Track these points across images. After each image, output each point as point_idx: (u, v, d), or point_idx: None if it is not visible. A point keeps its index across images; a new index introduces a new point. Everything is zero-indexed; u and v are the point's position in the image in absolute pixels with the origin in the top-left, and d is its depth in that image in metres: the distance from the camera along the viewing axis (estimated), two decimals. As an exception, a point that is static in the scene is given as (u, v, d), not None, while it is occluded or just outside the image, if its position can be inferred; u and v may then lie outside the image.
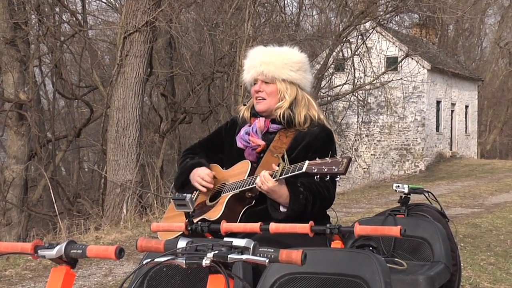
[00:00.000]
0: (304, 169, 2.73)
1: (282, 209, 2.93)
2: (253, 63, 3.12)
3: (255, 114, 3.17)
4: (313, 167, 2.70)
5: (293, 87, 3.10)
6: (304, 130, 3.09)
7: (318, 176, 2.70)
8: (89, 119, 16.97)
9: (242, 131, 3.16)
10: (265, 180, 2.84)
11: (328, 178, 2.72)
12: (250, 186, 2.95)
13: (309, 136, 3.07)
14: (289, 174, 2.80)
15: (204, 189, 3.13)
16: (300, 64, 3.14)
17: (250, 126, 3.17)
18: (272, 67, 3.07)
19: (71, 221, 11.35)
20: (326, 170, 2.67)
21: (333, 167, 2.66)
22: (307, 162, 2.74)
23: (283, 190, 2.88)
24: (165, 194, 12.54)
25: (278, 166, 2.83)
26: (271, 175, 2.84)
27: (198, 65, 18.14)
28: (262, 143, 3.10)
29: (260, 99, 3.11)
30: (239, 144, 3.16)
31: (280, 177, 2.81)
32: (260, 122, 3.14)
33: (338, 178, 2.79)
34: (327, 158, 2.70)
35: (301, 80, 3.13)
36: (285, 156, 2.83)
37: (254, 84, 3.13)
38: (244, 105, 3.27)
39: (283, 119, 3.08)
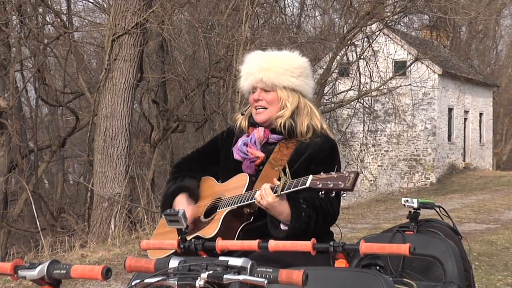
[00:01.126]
0: (307, 184, 2.72)
1: (283, 226, 2.92)
2: (251, 69, 3.11)
3: (253, 123, 3.17)
4: (318, 182, 2.69)
5: (294, 95, 3.10)
6: (306, 141, 3.09)
7: (322, 192, 2.69)
8: (75, 127, 16.97)
9: (240, 142, 3.16)
10: (265, 195, 2.83)
11: (333, 194, 2.71)
12: (249, 202, 2.94)
13: (311, 147, 3.07)
14: (292, 190, 2.78)
15: None
16: (302, 69, 3.14)
17: (248, 136, 3.16)
18: (272, 73, 3.06)
19: (54, 238, 11.32)
20: (331, 185, 2.66)
21: (339, 182, 2.65)
22: (311, 176, 2.73)
23: (284, 206, 2.87)
24: (156, 208, 12.51)
25: (279, 180, 2.82)
26: (272, 189, 2.84)
27: (192, 70, 18.16)
28: (261, 155, 3.10)
29: (260, 109, 3.10)
30: (236, 156, 3.15)
31: (281, 192, 2.80)
32: (259, 132, 3.13)
33: (344, 194, 2.78)
34: (332, 173, 2.69)
35: (303, 86, 3.13)
36: (287, 169, 2.81)
37: (253, 92, 3.13)
38: (242, 114, 3.26)
39: (284, 129, 3.08)
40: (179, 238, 2.77)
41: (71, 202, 20.29)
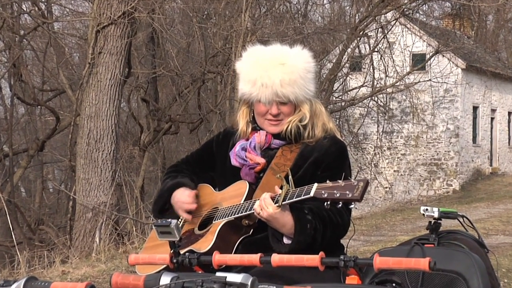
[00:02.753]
0: (312, 194, 2.72)
1: (286, 240, 2.92)
2: (267, 80, 3.04)
3: (255, 127, 3.18)
4: (323, 192, 2.70)
5: (309, 101, 3.13)
6: (311, 144, 3.10)
7: (328, 202, 2.69)
8: (55, 129, 17.00)
9: (238, 146, 3.17)
10: (265, 205, 2.83)
11: (340, 205, 2.72)
12: (247, 212, 2.94)
13: (317, 150, 3.08)
14: (294, 199, 2.79)
15: (189, 217, 3.12)
16: (314, 70, 3.16)
17: (247, 140, 3.17)
18: (297, 88, 3.05)
19: (32, 252, 11.33)
20: (338, 195, 2.67)
21: (347, 191, 2.66)
22: (315, 185, 2.74)
23: (287, 217, 2.87)
24: (146, 219, 12.54)
25: (281, 188, 2.83)
26: (273, 199, 2.84)
27: (186, 65, 18.19)
28: (261, 161, 3.11)
29: (277, 121, 3.11)
30: (234, 161, 3.16)
31: (283, 202, 2.81)
32: (260, 137, 3.14)
33: (352, 205, 2.78)
34: (339, 181, 2.70)
35: (315, 87, 3.15)
36: (290, 176, 2.81)
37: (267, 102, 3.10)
38: (254, 129, 3.21)
39: (291, 134, 3.09)
40: (171, 251, 2.78)
41: (51, 212, 20.31)
